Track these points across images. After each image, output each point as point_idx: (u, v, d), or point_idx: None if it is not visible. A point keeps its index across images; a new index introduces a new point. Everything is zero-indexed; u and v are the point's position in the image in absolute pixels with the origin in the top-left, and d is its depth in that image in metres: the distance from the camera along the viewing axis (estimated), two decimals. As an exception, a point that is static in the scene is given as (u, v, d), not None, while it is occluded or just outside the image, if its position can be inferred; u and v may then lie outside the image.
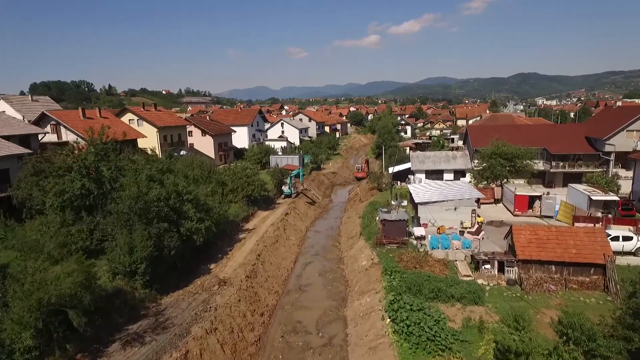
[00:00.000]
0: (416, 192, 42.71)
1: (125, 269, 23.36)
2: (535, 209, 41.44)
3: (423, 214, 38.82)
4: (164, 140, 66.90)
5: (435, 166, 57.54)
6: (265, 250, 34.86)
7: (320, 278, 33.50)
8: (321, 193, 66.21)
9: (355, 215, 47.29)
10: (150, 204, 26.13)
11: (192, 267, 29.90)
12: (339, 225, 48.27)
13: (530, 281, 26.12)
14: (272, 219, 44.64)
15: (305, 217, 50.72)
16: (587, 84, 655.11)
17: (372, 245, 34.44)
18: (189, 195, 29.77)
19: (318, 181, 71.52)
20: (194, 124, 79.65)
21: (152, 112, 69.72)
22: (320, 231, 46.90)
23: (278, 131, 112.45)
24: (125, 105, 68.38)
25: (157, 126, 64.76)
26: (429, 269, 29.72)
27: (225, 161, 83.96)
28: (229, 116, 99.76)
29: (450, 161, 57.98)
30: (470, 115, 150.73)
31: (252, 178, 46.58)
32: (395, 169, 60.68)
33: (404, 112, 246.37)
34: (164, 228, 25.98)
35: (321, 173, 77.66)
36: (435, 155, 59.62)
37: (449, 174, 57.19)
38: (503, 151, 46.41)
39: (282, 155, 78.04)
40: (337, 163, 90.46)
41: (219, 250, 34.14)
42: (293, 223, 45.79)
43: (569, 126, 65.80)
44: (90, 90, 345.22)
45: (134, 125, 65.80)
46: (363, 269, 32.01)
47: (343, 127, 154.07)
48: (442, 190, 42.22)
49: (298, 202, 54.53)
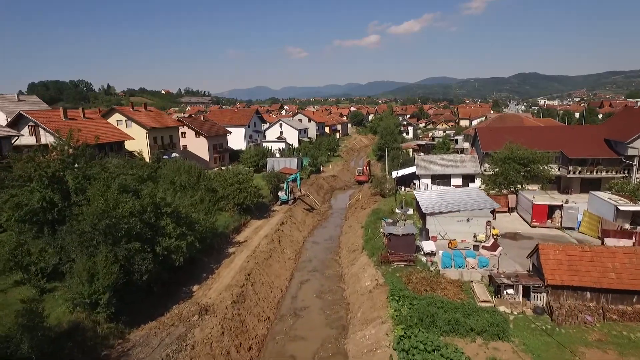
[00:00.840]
0: (424, 201, 38.98)
1: (84, 301, 19.60)
2: (555, 220, 37.67)
3: (432, 226, 35.09)
4: (153, 142, 63.19)
5: (442, 170, 53.79)
6: (257, 268, 31.09)
7: (318, 300, 29.74)
8: (320, 198, 62.47)
9: (357, 225, 43.54)
10: (119, 220, 22.38)
11: (170, 291, 26.14)
12: (339, 235, 44.49)
13: (563, 311, 22.34)
14: (266, 229, 40.88)
15: (303, 226, 46.95)
16: (587, 84, 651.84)
17: (377, 262, 30.67)
18: (167, 208, 26.01)
19: (317, 185, 67.79)
20: (187, 125, 75.92)
21: (142, 112, 65.99)
22: (319, 242, 43.13)
23: (276, 132, 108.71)
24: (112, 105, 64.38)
25: (146, 127, 61.02)
26: (441, 293, 25.99)
27: (220, 164, 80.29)
28: (225, 116, 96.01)
29: (458, 165, 54.21)
30: (474, 116, 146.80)
31: (245, 184, 42.81)
32: (399, 174, 56.89)
33: (405, 112, 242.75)
34: (135, 248, 22.23)
35: (320, 176, 73.90)
36: (442, 159, 55.85)
37: (456, 179, 53.44)
38: (518, 155, 42.64)
39: (279, 158, 74.33)
40: (337, 166, 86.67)
41: (204, 268, 30.37)
42: (289, 233, 42.03)
43: (586, 128, 61.93)
44: (89, 90, 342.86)
45: (122, 126, 62.11)
46: (366, 290, 28.26)
47: (343, 128, 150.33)
48: (453, 199, 38.47)
49: (295, 209, 50.76)
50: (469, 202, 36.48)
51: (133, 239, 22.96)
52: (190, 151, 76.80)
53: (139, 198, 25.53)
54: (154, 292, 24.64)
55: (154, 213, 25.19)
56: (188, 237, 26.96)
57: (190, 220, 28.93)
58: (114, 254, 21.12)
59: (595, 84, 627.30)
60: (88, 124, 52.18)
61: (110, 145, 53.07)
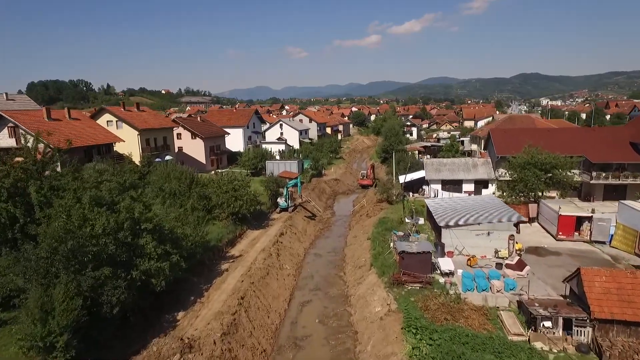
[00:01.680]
0: (436, 210, 35.38)
1: (36, 344, 16.03)
2: (583, 232, 34.06)
3: (447, 240, 31.48)
4: (146, 145, 59.66)
5: (453, 176, 50.18)
6: (252, 289, 27.51)
7: (321, 327, 26.15)
8: (322, 204, 58.89)
9: (363, 235, 39.95)
10: (87, 241, 18.81)
11: (150, 320, 22.57)
12: (343, 247, 40.86)
13: (615, 351, 18.72)
14: (263, 241, 37.28)
15: (304, 236, 43.36)
16: (589, 85, 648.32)
17: (387, 283, 27.07)
18: (148, 224, 22.43)
19: (319, 190, 64.19)
20: (183, 126, 72.42)
21: (134, 112, 62.44)
22: (322, 254, 39.52)
23: (276, 133, 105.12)
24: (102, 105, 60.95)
25: (137, 128, 57.48)
26: (464, 322, 22.41)
27: (218, 166, 76.75)
28: (223, 117, 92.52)
29: (470, 170, 50.59)
30: (479, 116, 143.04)
31: (241, 192, 39.20)
32: (406, 178, 53.25)
33: (408, 113, 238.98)
34: (104, 276, 18.64)
35: (322, 180, 70.29)
36: (453, 163, 52.23)
37: (469, 185, 49.86)
38: (539, 160, 39.03)
39: (279, 161, 70.74)
40: (340, 168, 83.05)
41: (191, 290, 26.80)
42: (289, 245, 38.44)
43: (609, 130, 58.11)
44: (89, 90, 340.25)
45: (113, 127, 58.61)
46: (377, 317, 24.67)
47: (345, 128, 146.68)
48: (469, 208, 34.87)
49: (296, 217, 47.17)
50: (488, 213, 32.86)
51: (104, 262, 19.40)
52: (186, 153, 73.32)
53: (115, 212, 21.97)
54: (130, 323, 21.06)
55: (132, 230, 21.62)
56: (172, 256, 23.42)
57: (176, 236, 25.38)
58: (76, 284, 17.55)
59: (597, 85, 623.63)
60: (73, 126, 48.69)
61: (98, 148, 49.56)
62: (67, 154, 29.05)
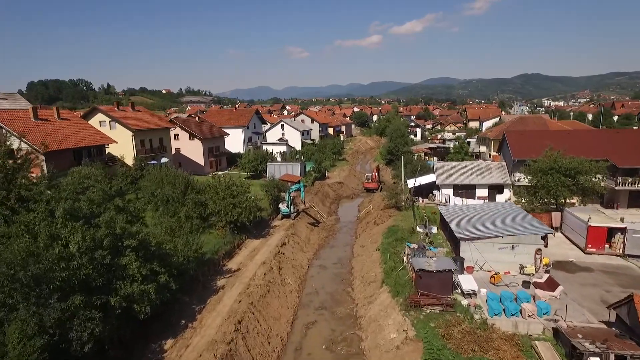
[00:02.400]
0: (452, 219, 32.40)
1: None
2: (615, 245, 31.06)
3: (467, 254, 28.50)
4: (141, 146, 56.72)
5: (466, 180, 47.18)
6: (251, 311, 24.55)
7: (329, 354, 23.17)
8: (326, 209, 55.93)
9: (371, 246, 36.99)
10: (54, 264, 15.88)
11: (133, 351, 19.63)
12: (350, 257, 37.87)
13: (682, 398, 15.77)
14: (264, 252, 34.32)
15: (307, 245, 40.39)
16: (591, 85, 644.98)
17: (403, 305, 24.08)
18: (131, 241, 19.48)
19: (322, 194, 61.22)
20: (180, 126, 69.48)
21: (128, 112, 59.50)
22: (327, 266, 36.53)
23: (278, 133, 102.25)
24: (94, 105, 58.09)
25: (132, 129, 54.55)
26: (495, 355, 19.49)
27: (217, 168, 73.85)
28: (223, 117, 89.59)
29: (483, 174, 47.58)
30: (484, 117, 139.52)
31: (240, 198, 36.23)
32: (415, 182, 50.23)
33: (410, 113, 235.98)
34: (74, 306, 15.72)
35: (325, 183, 67.31)
36: (466, 167, 49.21)
37: (482, 190, 46.85)
38: (563, 165, 36.03)
39: (280, 163, 67.78)
40: (343, 171, 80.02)
41: (182, 312, 23.84)
42: (291, 257, 35.49)
43: (633, 132, 54.96)
44: (89, 89, 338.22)
45: (106, 128, 55.69)
46: (392, 346, 21.70)
47: (347, 129, 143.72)
48: (487, 216, 31.89)
49: (298, 225, 44.22)
50: (512, 223, 29.84)
51: (75, 289, 16.46)
52: (184, 155, 70.45)
53: (93, 227, 19.03)
54: (108, 357, 18.11)
55: (112, 248, 18.68)
56: (160, 276, 20.50)
57: (164, 252, 22.44)
58: (38, 319, 14.61)
59: (599, 85, 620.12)
60: (62, 126, 45.76)
61: (89, 149, 46.65)
62: (50, 156, 26.03)
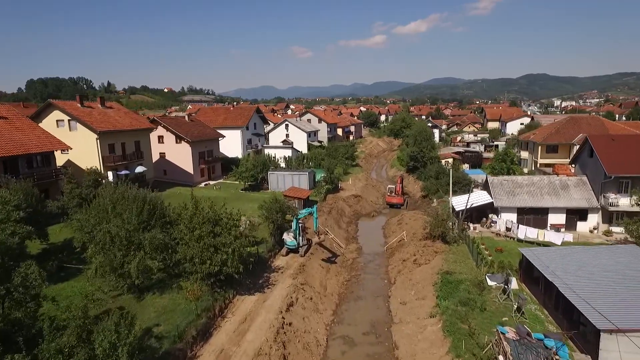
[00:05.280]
0: (560, 278, 20.40)
1: None
2: None
3: (613, 355, 16.51)
4: (109, 152, 44.99)
5: (535, 201, 35.16)
6: None
7: None
8: (343, 233, 44.02)
9: (420, 308, 24.97)
10: None
11: None
12: (388, 322, 25.80)
13: None
14: (259, 322, 22.37)
15: (323, 298, 28.42)
16: (597, 86, 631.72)
17: None
18: None
19: (337, 211, 49.26)
20: (165, 127, 57.76)
21: (95, 110, 47.66)
22: (354, 339, 24.38)
23: (282, 135, 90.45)
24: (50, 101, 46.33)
25: (95, 130, 42.83)
26: None
27: (210, 177, 62.10)
28: (218, 116, 77.77)
29: (559, 194, 35.52)
30: (507, 117, 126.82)
31: (225, 238, 24.08)
32: (460, 201, 38.25)
33: (420, 113, 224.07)
34: None
35: (340, 197, 55.28)
36: (533, 183, 37.09)
37: (557, 215, 34.87)
38: None
39: (285, 172, 55.83)
40: (359, 179, 67.85)
41: None
42: (302, 326, 23.54)
43: None
44: (89, 88, 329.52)
45: (64, 129, 44.08)
46: None
47: (357, 129, 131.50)
48: (625, 275, 19.90)
49: (310, 264, 32.26)
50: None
51: None
52: (170, 161, 58.81)
53: None
54: None
55: None
56: None
57: None
58: None
59: (606, 85, 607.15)
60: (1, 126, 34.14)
61: (29, 158, 35.00)
62: None
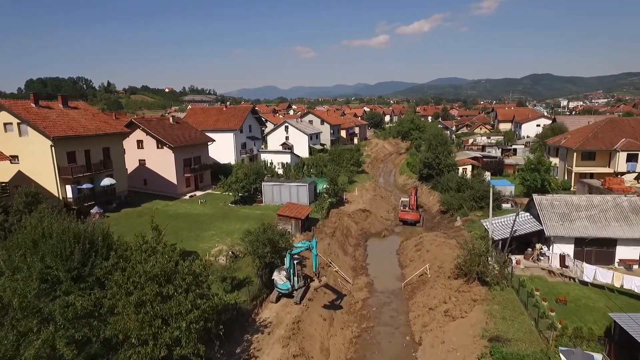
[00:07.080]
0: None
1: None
2: None
3: None
4: (69, 162, 37.34)
5: (599, 230, 27.21)
6: None
7: None
8: (349, 260, 36.23)
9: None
10: None
11: None
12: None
13: None
14: None
15: (328, 370, 20.67)
16: (603, 86, 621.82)
17: None
18: None
19: (341, 231, 41.49)
20: (144, 130, 50.12)
21: (53, 111, 39.88)
22: None
23: (281, 137, 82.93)
24: None
25: (49, 136, 35.18)
26: None
27: (196, 187, 54.42)
28: (209, 118, 70.10)
29: (629, 219, 27.57)
30: (521, 119, 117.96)
31: (178, 305, 16.25)
32: (499, 226, 30.38)
33: (426, 113, 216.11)
34: None
35: (345, 212, 47.38)
36: (592, 205, 29.09)
37: (628, 249, 26.93)
38: None
39: (282, 183, 48.02)
40: (366, 189, 59.81)
41: None
42: None
43: None
44: (89, 87, 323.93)
45: (13, 134, 36.47)
46: None
47: (362, 131, 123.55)
48: None
49: (308, 316, 24.46)
50: None
51: None
52: (150, 169, 51.18)
53: None
54: None
55: None
56: None
57: None
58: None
59: (612, 86, 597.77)
60: None
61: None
62: None
